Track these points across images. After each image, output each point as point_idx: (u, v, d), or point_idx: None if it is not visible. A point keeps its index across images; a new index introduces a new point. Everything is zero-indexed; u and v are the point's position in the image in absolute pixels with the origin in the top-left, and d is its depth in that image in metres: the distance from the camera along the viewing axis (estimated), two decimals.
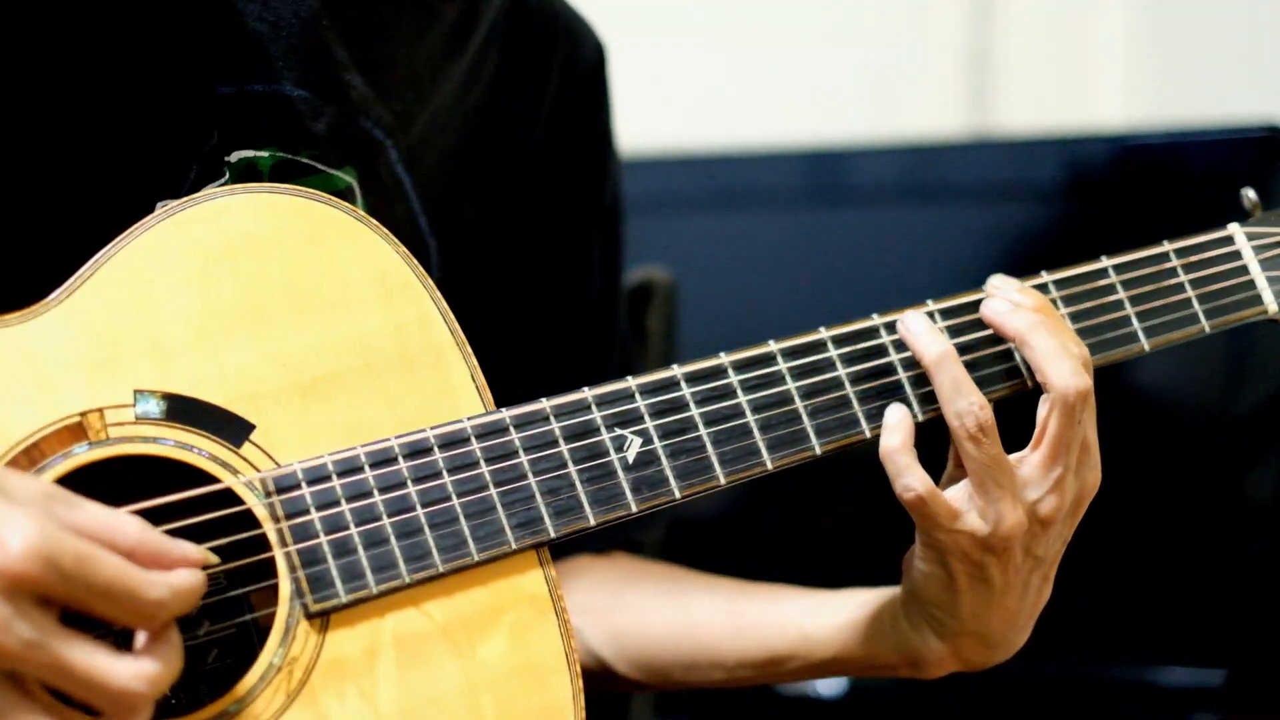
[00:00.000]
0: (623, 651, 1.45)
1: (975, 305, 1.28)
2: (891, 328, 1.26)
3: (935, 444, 1.26)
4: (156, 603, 0.98)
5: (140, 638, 1.00)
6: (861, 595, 1.35)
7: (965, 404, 1.21)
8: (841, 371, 1.24)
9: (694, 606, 1.43)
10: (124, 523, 0.99)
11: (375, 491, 1.11)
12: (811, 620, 1.36)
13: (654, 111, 2.57)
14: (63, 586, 0.95)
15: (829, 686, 2.04)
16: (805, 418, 1.22)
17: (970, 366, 1.25)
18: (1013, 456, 1.22)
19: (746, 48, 2.79)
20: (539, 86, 1.48)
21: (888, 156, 2.17)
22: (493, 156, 1.45)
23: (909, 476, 1.20)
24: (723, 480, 1.20)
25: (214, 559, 1.04)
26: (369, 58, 1.33)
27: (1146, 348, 1.31)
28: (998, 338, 1.26)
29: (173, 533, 1.03)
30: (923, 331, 1.24)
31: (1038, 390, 1.24)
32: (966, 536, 1.21)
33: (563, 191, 1.51)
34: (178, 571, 1.00)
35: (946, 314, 1.27)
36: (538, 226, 1.50)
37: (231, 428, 1.10)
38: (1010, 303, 1.25)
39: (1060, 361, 1.22)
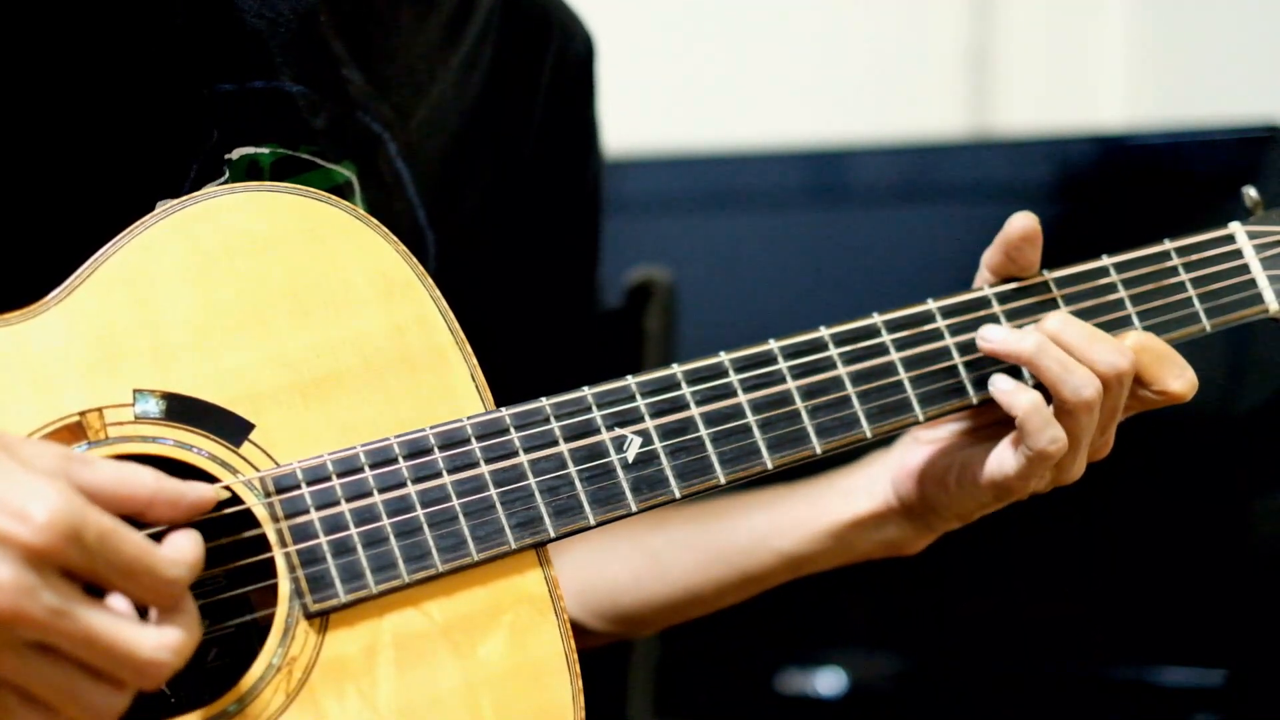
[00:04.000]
0: (592, 609, 1.45)
1: (975, 304, 1.28)
2: (891, 326, 1.26)
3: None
4: (173, 580, 0.99)
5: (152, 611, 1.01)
6: (838, 507, 1.38)
7: (1078, 380, 1.23)
8: (842, 371, 1.24)
9: (656, 546, 1.44)
10: (139, 473, 1.01)
11: (375, 491, 1.11)
12: (784, 539, 1.39)
13: (654, 112, 2.57)
14: (84, 560, 0.96)
15: (829, 686, 2.04)
16: (805, 417, 1.22)
17: (972, 366, 1.26)
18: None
19: (746, 47, 2.79)
20: (532, 78, 1.49)
21: (888, 156, 2.17)
22: (489, 148, 1.46)
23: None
24: (723, 479, 1.20)
25: (226, 495, 1.06)
26: (367, 51, 1.33)
27: None
28: None
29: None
30: (1004, 335, 1.25)
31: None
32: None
33: (553, 183, 1.52)
34: (185, 549, 1.00)
35: (946, 313, 1.27)
36: (531, 218, 1.50)
37: (231, 427, 1.10)
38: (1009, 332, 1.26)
39: (1069, 376, 1.23)
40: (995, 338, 1.26)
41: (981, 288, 1.29)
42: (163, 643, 0.98)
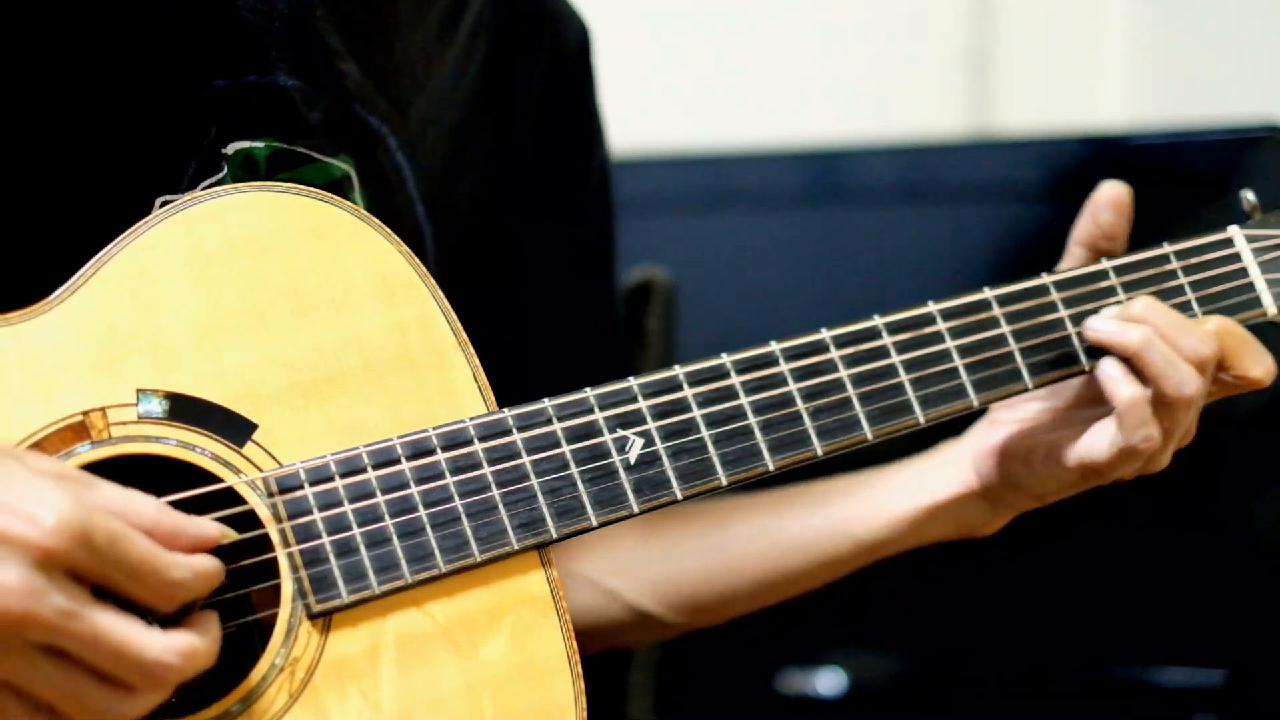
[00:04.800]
0: (665, 601, 1.45)
1: (976, 306, 1.28)
2: (892, 328, 1.26)
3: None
4: (178, 583, 0.99)
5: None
6: (918, 492, 1.38)
7: (1182, 375, 1.24)
8: (843, 373, 1.24)
9: (729, 537, 1.44)
10: (141, 502, 1.01)
11: (378, 492, 1.11)
12: (862, 527, 1.39)
13: (654, 111, 2.57)
14: (93, 562, 0.96)
15: (829, 686, 2.04)
16: (807, 419, 1.22)
17: (973, 369, 1.26)
18: None
19: (746, 47, 2.79)
20: (527, 70, 1.49)
21: (888, 156, 2.17)
22: (486, 142, 1.45)
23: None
24: (724, 481, 1.20)
25: (233, 534, 1.06)
26: (364, 46, 1.33)
27: None
28: (1001, 339, 1.27)
29: None
30: (1112, 327, 1.26)
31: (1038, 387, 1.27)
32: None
33: (553, 176, 1.51)
34: (199, 555, 1.01)
35: (947, 315, 1.27)
36: (530, 212, 1.50)
37: (234, 427, 1.10)
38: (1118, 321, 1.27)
39: (1173, 371, 1.24)
40: (1103, 329, 1.26)
41: (982, 290, 1.29)
42: (170, 645, 0.98)
